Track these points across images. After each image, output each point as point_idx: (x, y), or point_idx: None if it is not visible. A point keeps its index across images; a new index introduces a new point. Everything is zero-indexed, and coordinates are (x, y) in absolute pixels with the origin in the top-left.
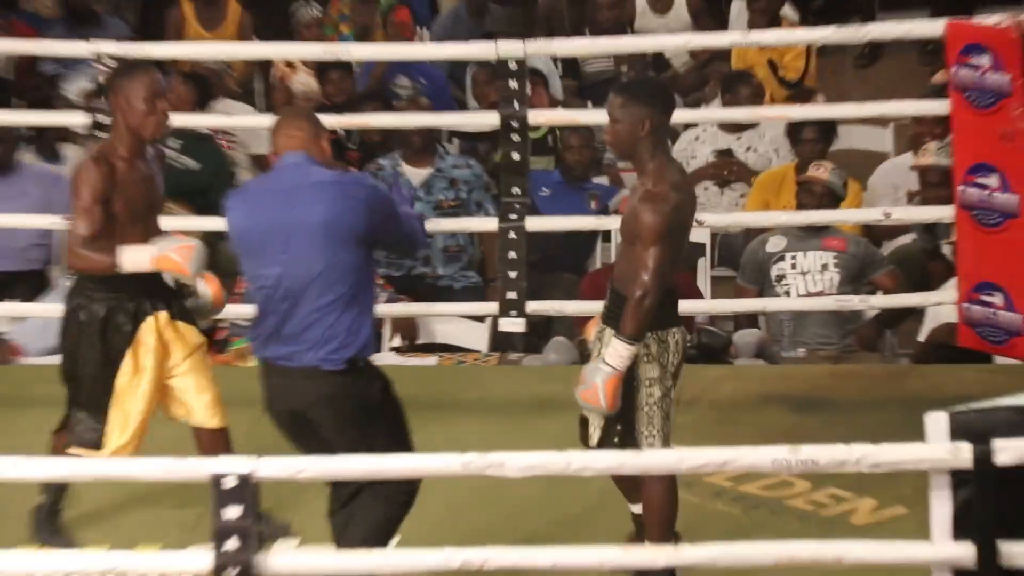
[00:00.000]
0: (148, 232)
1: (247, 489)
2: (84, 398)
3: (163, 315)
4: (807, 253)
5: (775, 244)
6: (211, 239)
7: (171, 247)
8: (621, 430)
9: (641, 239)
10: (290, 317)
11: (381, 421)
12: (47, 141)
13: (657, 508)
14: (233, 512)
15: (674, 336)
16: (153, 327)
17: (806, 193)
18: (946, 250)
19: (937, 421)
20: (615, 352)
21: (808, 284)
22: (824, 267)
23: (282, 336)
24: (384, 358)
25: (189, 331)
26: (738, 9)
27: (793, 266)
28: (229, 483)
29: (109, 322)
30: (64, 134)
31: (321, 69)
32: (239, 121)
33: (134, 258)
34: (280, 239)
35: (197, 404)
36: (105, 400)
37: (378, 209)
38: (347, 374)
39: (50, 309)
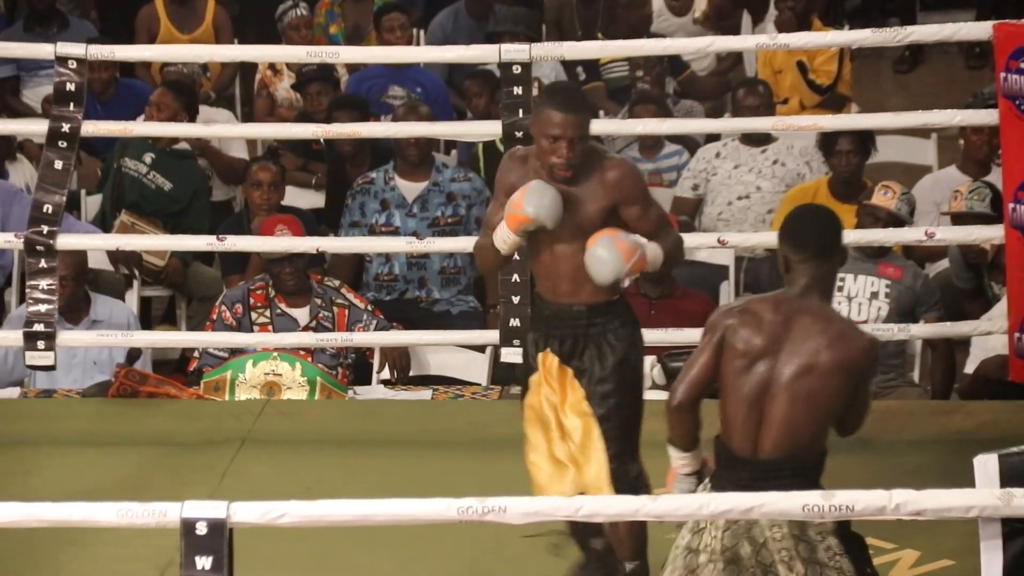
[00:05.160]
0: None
1: (220, 537)
2: None
3: (549, 358)
4: (858, 276)
5: None
6: (185, 260)
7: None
8: None
9: None
10: None
11: None
12: None
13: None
14: (204, 563)
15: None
16: (541, 364)
17: (868, 217)
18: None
19: (986, 464)
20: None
21: (852, 311)
22: (874, 295)
23: None
24: (373, 391)
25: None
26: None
27: (840, 288)
28: (201, 530)
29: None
30: (9, 147)
31: (300, 82)
32: (217, 130)
33: (500, 234)
34: None
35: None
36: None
37: None
38: None
39: (7, 337)
